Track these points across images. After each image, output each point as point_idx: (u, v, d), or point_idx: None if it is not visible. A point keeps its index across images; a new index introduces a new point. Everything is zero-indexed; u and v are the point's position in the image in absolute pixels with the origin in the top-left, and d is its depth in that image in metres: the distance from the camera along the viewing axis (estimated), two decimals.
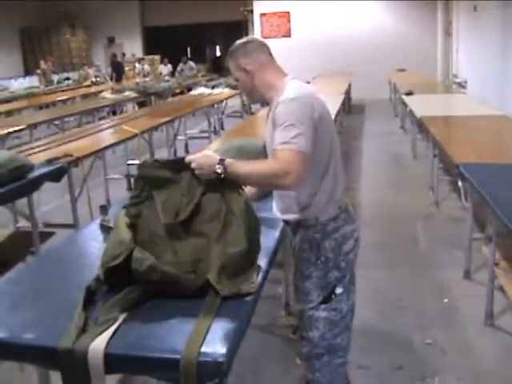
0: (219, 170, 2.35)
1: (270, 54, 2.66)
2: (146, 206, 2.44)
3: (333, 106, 7.72)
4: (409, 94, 9.88)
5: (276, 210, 2.76)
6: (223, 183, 2.38)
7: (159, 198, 2.42)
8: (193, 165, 2.41)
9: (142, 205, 2.45)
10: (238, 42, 2.66)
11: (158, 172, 2.46)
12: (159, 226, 2.35)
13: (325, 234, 2.59)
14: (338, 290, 2.65)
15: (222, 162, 2.36)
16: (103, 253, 2.30)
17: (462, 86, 14.00)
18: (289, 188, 2.41)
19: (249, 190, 2.72)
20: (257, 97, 2.69)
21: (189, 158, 2.44)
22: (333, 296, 2.65)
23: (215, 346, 1.84)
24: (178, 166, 2.46)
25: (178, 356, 1.79)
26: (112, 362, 1.84)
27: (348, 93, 13.80)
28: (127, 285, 2.16)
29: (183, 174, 2.44)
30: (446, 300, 4.54)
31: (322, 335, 2.66)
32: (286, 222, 2.78)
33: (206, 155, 2.46)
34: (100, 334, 1.90)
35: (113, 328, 1.93)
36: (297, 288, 2.73)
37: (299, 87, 2.52)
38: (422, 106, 8.32)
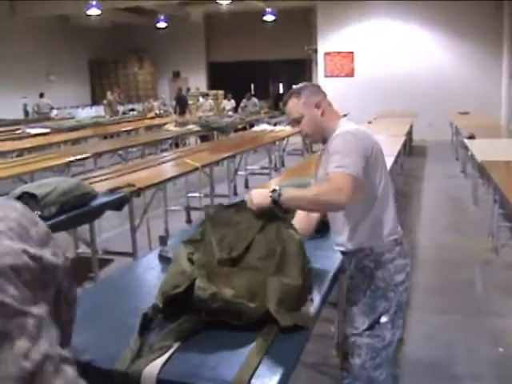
0: (273, 194, 2.57)
1: (327, 97, 2.92)
2: (201, 244, 2.54)
3: (393, 148, 7.72)
4: (471, 137, 9.76)
5: (334, 243, 2.91)
6: (278, 223, 2.54)
7: (216, 236, 2.52)
8: (249, 196, 2.67)
9: (197, 243, 2.55)
10: (300, 85, 2.92)
11: (220, 213, 2.64)
12: (213, 263, 2.42)
13: (379, 264, 2.73)
14: (383, 319, 2.74)
15: (274, 190, 2.59)
16: (163, 281, 2.37)
17: None
18: (339, 206, 2.56)
19: (302, 221, 2.95)
20: (318, 133, 2.85)
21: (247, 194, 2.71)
22: (377, 324, 2.72)
23: (265, 379, 1.87)
24: (240, 207, 2.65)
25: None
26: None
27: (409, 134, 13.72)
28: (183, 314, 2.21)
29: (242, 218, 2.60)
30: (501, 349, 4.44)
31: (363, 363, 2.74)
32: (344, 252, 2.88)
33: (259, 190, 2.77)
34: (154, 359, 1.95)
35: (167, 355, 1.98)
36: (345, 313, 2.88)
37: (353, 125, 2.78)
38: (483, 150, 8.22)
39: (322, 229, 3.36)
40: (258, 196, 2.63)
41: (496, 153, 8.13)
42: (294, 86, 2.93)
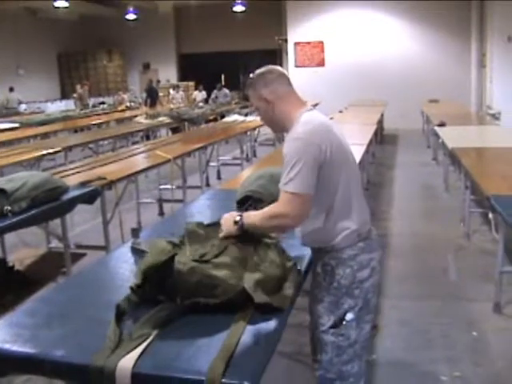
0: (237, 218, 2.59)
1: (289, 84, 2.72)
2: (177, 247, 2.53)
3: (365, 137, 7.74)
4: (441, 125, 9.82)
5: (297, 236, 2.80)
6: (253, 239, 2.59)
7: (191, 246, 2.52)
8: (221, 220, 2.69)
9: (175, 245, 2.54)
10: (258, 71, 2.72)
11: (199, 229, 2.65)
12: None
13: (340, 261, 2.61)
14: (349, 317, 2.64)
15: (239, 215, 2.63)
16: (143, 261, 2.39)
17: (495, 117, 13.91)
18: (291, 227, 2.62)
19: None
20: (277, 127, 2.75)
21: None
22: (343, 322, 2.64)
23: (240, 369, 1.87)
24: (218, 227, 2.66)
25: (202, 377, 1.82)
26: (139, 381, 1.88)
27: (381, 123, 13.79)
28: (159, 302, 2.25)
29: (217, 235, 2.62)
30: (475, 333, 4.48)
31: (330, 360, 2.68)
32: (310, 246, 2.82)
33: (229, 213, 2.70)
34: (130, 351, 1.94)
35: (143, 346, 1.98)
36: (310, 310, 2.77)
37: (309, 122, 2.55)
38: (454, 137, 8.28)
39: None
40: (226, 224, 2.64)
41: (466, 140, 8.20)
42: (252, 75, 2.75)
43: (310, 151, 2.44)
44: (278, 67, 2.80)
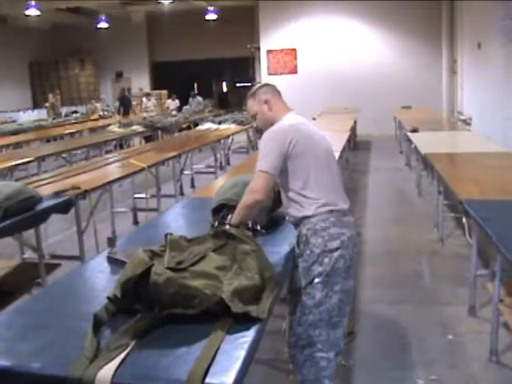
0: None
1: (279, 93, 3.44)
2: (158, 256, 2.54)
3: (338, 143, 7.78)
4: (413, 131, 9.91)
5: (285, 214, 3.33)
6: (235, 244, 2.65)
7: (169, 254, 2.55)
8: None
9: (155, 254, 2.55)
10: (257, 86, 3.49)
11: (182, 241, 2.73)
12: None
13: (314, 232, 3.07)
14: (316, 280, 3.04)
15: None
16: (121, 274, 2.37)
17: (466, 123, 14.06)
18: (259, 202, 3.06)
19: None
20: (269, 125, 3.28)
21: None
22: (310, 284, 3.05)
23: (219, 378, 1.86)
24: (198, 241, 2.76)
25: None
26: None
27: (354, 129, 13.87)
28: (137, 312, 2.24)
29: (196, 247, 2.67)
30: (450, 336, 4.52)
31: (298, 319, 3.08)
32: (292, 222, 3.28)
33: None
34: (109, 361, 1.92)
35: (122, 356, 1.96)
36: (290, 278, 3.18)
37: (285, 122, 3.22)
38: (426, 142, 8.36)
39: (270, 226, 3.41)
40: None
41: (439, 145, 8.27)
42: (253, 87, 3.49)
43: (276, 143, 3.08)
44: (270, 83, 3.54)
